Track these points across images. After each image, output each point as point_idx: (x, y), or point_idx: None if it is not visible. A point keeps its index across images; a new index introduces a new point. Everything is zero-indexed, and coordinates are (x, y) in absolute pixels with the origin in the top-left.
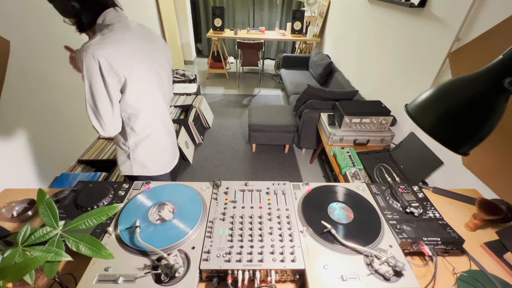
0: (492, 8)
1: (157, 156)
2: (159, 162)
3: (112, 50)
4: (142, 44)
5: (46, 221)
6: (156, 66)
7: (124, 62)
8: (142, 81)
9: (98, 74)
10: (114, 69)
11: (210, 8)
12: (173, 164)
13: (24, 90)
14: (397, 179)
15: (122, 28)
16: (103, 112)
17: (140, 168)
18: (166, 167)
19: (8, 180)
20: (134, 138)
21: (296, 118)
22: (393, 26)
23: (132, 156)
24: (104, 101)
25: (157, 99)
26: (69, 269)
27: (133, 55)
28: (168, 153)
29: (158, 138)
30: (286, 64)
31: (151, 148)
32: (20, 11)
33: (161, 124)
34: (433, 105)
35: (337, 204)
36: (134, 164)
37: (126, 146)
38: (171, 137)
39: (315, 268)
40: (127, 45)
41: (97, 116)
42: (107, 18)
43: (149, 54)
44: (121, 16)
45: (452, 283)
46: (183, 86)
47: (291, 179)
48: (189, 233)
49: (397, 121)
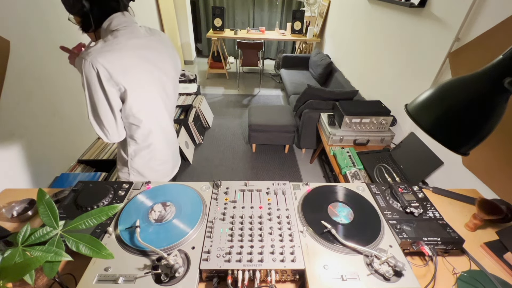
0: (492, 8)
1: (156, 167)
2: (158, 172)
3: (111, 59)
4: (146, 53)
5: (46, 221)
6: (160, 76)
7: (124, 72)
8: (143, 93)
9: (97, 82)
10: (113, 79)
11: (210, 8)
12: (172, 174)
13: (24, 90)
14: (397, 179)
15: (127, 35)
16: (105, 120)
17: (137, 176)
18: (164, 177)
19: (8, 180)
20: (134, 146)
21: (296, 118)
22: (393, 26)
23: (130, 164)
24: (105, 109)
25: (159, 110)
26: (69, 269)
27: (134, 65)
28: (168, 163)
29: (159, 149)
30: (286, 64)
31: (150, 158)
32: (20, 11)
33: (162, 135)
34: (433, 105)
35: (337, 204)
36: (131, 172)
37: (126, 154)
38: (172, 147)
39: (315, 268)
40: (129, 55)
41: (99, 124)
42: (113, 23)
43: (153, 63)
44: (128, 22)
45: (452, 283)
46: (183, 86)
47: (291, 179)
48: (189, 233)
49: (397, 121)
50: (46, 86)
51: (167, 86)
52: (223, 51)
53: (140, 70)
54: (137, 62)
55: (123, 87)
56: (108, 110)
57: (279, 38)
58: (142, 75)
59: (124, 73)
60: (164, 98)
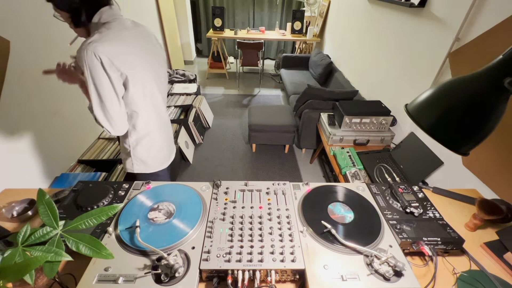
0: (492, 8)
1: (156, 153)
2: (158, 159)
3: (112, 47)
4: (139, 43)
5: (46, 221)
6: (154, 64)
7: (124, 59)
8: (142, 79)
9: (101, 69)
10: (115, 65)
11: (210, 8)
12: (170, 159)
13: (24, 90)
14: (397, 179)
15: (118, 26)
16: (111, 108)
17: (141, 165)
18: (164, 163)
19: (8, 180)
20: (135, 136)
21: (296, 118)
22: (393, 26)
23: (133, 153)
24: (111, 95)
25: (156, 96)
26: (69, 269)
27: (131, 53)
28: (166, 149)
29: (157, 135)
30: (286, 64)
31: (150, 145)
32: (20, 11)
33: (159, 121)
34: (433, 105)
35: (337, 204)
36: (134, 161)
37: (127, 144)
38: (168, 133)
39: (315, 268)
40: (126, 43)
41: (106, 114)
42: (103, 16)
43: (146, 52)
44: (116, 15)
45: (452, 283)
46: (183, 86)
47: (291, 179)
48: (189, 233)
49: (397, 121)
50: (46, 86)
51: (159, 72)
52: (223, 51)
53: (136, 57)
54: (132, 50)
55: (124, 73)
56: (114, 96)
57: (279, 38)
58: (138, 61)
59: (122, 60)
60: (158, 82)
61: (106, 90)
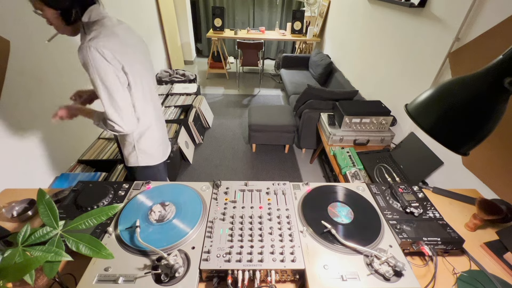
0: (492, 8)
1: (157, 146)
2: (159, 151)
3: (111, 43)
4: (130, 40)
5: (46, 221)
6: (145, 56)
7: (123, 53)
8: (138, 71)
9: (106, 62)
10: (116, 58)
11: (210, 8)
12: (167, 152)
13: (24, 90)
14: (397, 179)
15: (109, 23)
16: (120, 100)
17: (145, 157)
18: (163, 156)
19: (8, 180)
20: (138, 129)
21: (296, 118)
22: (393, 26)
23: (137, 147)
24: (117, 86)
25: (151, 88)
26: (69, 269)
27: (127, 48)
28: (164, 143)
29: (156, 128)
30: (286, 64)
31: (152, 138)
32: (20, 11)
33: (156, 115)
34: (433, 105)
35: (337, 204)
36: (139, 154)
37: (131, 138)
38: (163, 123)
39: (315, 268)
40: (120, 39)
41: (116, 109)
42: (93, 15)
43: (137, 48)
44: (104, 12)
45: (452, 283)
46: (183, 86)
47: (291, 179)
48: (189, 233)
49: (397, 121)
50: (46, 86)
51: (148, 64)
52: (223, 51)
53: (131, 51)
54: (128, 46)
55: (125, 66)
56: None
57: (279, 38)
58: (133, 55)
59: (122, 54)
60: (151, 74)
61: (112, 82)
